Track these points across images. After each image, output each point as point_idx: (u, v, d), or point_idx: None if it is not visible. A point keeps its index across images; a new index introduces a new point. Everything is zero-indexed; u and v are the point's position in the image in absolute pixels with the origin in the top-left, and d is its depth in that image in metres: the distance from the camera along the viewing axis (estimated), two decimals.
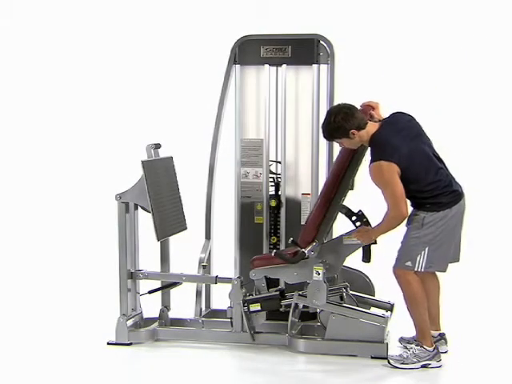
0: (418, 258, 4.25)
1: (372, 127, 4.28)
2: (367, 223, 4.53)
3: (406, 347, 4.49)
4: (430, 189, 4.24)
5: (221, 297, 4.88)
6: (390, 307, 4.79)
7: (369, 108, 4.46)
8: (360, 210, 4.56)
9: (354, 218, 4.57)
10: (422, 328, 4.35)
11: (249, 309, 4.59)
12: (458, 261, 4.42)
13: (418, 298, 4.30)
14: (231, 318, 4.66)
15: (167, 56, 7.29)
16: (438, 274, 4.50)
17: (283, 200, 5.01)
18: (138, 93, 7.36)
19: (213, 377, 4.31)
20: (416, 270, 4.27)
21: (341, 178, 4.47)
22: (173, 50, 7.27)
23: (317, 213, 4.52)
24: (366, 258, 4.51)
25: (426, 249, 4.24)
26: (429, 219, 4.24)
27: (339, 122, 4.24)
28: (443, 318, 4.60)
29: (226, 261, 5.19)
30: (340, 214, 4.61)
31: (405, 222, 4.26)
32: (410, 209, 4.30)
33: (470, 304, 5.52)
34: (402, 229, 4.29)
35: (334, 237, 4.76)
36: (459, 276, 4.66)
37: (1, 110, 7.74)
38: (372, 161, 4.21)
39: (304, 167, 4.98)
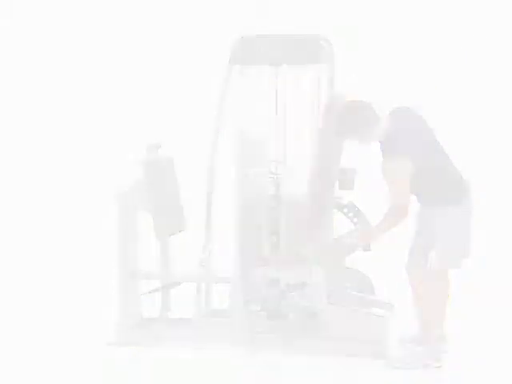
0: (430, 256, 4.22)
1: (385, 122, 4.24)
2: (359, 212, 4.54)
3: (406, 347, 4.49)
4: (437, 184, 4.22)
5: (221, 297, 4.88)
6: (390, 307, 4.79)
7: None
8: (350, 201, 4.56)
9: (345, 209, 4.58)
10: (426, 327, 4.34)
11: (249, 309, 4.58)
12: (469, 256, 4.39)
13: (427, 297, 4.29)
14: (231, 318, 4.66)
15: (167, 56, 7.29)
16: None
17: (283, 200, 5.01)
18: (138, 93, 7.36)
19: (213, 377, 4.31)
20: (429, 267, 4.24)
21: (323, 173, 4.46)
22: (173, 49, 7.27)
23: (307, 212, 4.52)
24: (367, 246, 4.50)
25: (438, 245, 4.21)
26: (437, 215, 4.21)
27: (352, 118, 4.21)
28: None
29: (225, 261, 5.19)
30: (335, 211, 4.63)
31: (407, 220, 4.24)
32: (417, 205, 4.29)
33: (469, 304, 5.51)
34: (401, 228, 4.29)
35: (333, 237, 4.76)
36: (458, 275, 4.64)
37: (0, 110, 7.73)
38: (386, 157, 4.17)
39: (304, 167, 4.97)
